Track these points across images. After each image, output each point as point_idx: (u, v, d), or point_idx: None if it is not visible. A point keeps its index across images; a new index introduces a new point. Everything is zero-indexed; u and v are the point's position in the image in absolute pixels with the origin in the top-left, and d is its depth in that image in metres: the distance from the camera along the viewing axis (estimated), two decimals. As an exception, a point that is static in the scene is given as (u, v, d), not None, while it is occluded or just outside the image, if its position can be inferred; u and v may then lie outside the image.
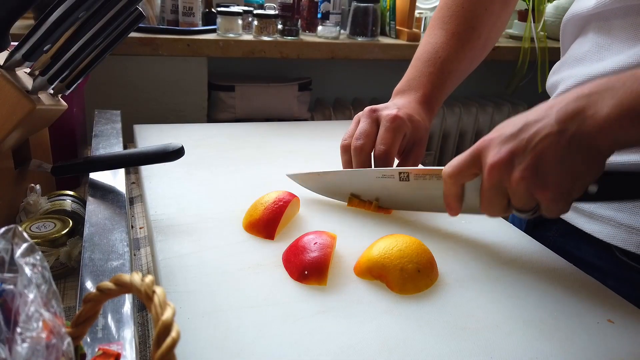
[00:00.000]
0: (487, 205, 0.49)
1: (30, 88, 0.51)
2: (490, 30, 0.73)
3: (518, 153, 0.45)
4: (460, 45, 0.70)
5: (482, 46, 0.73)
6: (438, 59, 0.69)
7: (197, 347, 0.39)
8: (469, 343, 0.42)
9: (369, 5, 1.38)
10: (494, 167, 0.46)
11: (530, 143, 0.44)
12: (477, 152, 0.49)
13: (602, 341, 0.44)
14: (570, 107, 0.44)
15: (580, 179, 0.45)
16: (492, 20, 0.72)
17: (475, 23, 0.70)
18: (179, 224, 0.57)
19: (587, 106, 0.43)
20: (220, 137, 0.85)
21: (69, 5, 0.46)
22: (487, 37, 0.73)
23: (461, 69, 0.71)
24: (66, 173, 0.60)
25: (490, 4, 0.71)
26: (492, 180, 0.47)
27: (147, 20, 1.24)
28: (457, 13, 0.70)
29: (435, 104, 0.70)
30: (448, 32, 0.70)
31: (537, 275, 0.53)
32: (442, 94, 0.70)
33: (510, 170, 0.45)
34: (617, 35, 0.56)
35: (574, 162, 0.44)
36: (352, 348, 0.40)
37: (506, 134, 0.46)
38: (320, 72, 1.58)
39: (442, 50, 0.69)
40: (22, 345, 0.22)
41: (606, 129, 0.42)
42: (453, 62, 0.69)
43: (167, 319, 0.23)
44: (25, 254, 0.25)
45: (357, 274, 0.50)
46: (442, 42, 0.70)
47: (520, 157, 0.45)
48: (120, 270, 0.43)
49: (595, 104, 0.43)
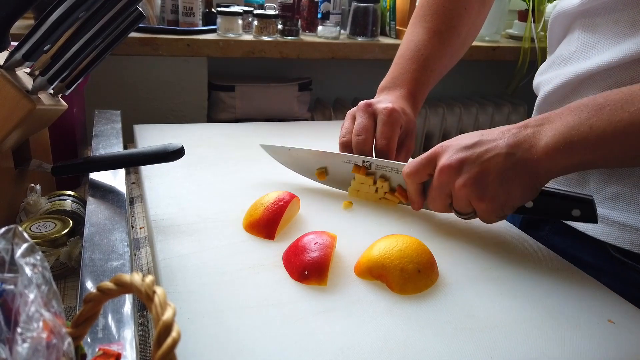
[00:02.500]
0: (431, 201, 0.57)
1: (31, 88, 0.51)
2: (470, 29, 0.76)
3: (467, 163, 0.51)
4: (442, 43, 0.72)
5: (461, 44, 0.76)
6: (421, 57, 0.71)
7: (198, 347, 0.39)
8: (469, 343, 0.42)
9: (369, 5, 1.38)
10: (443, 169, 0.53)
11: (480, 158, 0.51)
12: (433, 155, 0.55)
13: (603, 341, 0.44)
14: (520, 135, 0.50)
15: (513, 199, 0.51)
16: (472, 19, 0.75)
17: (455, 22, 0.73)
18: (179, 224, 0.57)
19: (532, 136, 0.49)
20: (220, 137, 0.85)
21: (69, 5, 0.46)
22: (466, 36, 0.76)
23: (442, 66, 0.74)
24: (66, 173, 0.60)
25: (468, 3, 0.73)
26: (439, 180, 0.53)
27: (147, 20, 1.24)
28: (438, 12, 0.73)
29: (420, 100, 0.72)
30: (429, 30, 0.72)
31: (538, 276, 0.53)
32: (425, 90, 0.73)
33: (456, 176, 0.52)
34: (602, 33, 0.58)
35: (513, 183, 0.50)
36: (352, 348, 0.40)
37: (461, 144, 0.52)
38: (320, 72, 1.58)
39: (424, 47, 0.72)
40: (22, 346, 0.22)
41: (544, 158, 0.48)
42: (435, 59, 0.72)
43: (168, 319, 0.23)
44: (26, 254, 0.25)
45: (358, 274, 0.50)
46: (423, 39, 0.72)
47: (468, 166, 0.51)
48: (120, 271, 0.43)
49: (538, 135, 0.49)
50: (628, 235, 0.55)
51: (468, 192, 0.51)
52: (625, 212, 0.56)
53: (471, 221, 0.62)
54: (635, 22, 0.54)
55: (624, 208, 0.56)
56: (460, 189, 0.52)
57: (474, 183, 0.51)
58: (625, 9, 0.55)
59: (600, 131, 0.46)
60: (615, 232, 0.57)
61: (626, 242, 0.56)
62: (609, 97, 0.47)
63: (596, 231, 0.58)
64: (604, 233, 0.58)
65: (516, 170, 0.49)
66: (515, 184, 0.50)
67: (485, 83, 1.82)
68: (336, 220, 0.61)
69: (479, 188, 0.51)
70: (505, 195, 0.51)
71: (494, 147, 0.50)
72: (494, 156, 0.50)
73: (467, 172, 0.51)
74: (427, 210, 0.61)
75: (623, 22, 0.55)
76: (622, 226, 0.56)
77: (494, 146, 0.50)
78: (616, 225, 0.56)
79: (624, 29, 0.55)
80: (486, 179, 0.50)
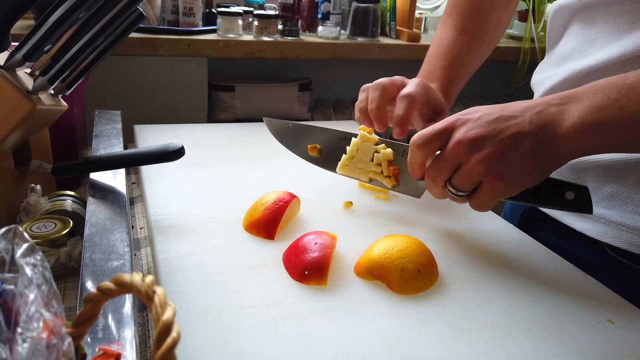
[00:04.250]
0: (435, 172, 0.52)
1: (31, 88, 0.51)
2: (496, 26, 0.77)
3: (487, 138, 0.48)
4: (470, 40, 0.73)
5: (490, 40, 0.77)
6: (450, 53, 0.72)
7: (198, 347, 0.39)
8: (469, 343, 0.42)
9: (369, 6, 1.38)
10: (460, 143, 0.49)
11: (501, 134, 0.48)
12: (449, 127, 0.51)
13: (603, 341, 0.44)
14: (544, 114, 0.47)
15: (526, 180, 0.49)
16: (498, 16, 0.75)
17: (482, 19, 0.74)
18: (179, 224, 0.57)
19: (557, 115, 0.47)
20: (220, 137, 0.85)
21: (70, 5, 0.46)
22: (494, 32, 0.77)
23: (472, 62, 0.74)
24: (66, 173, 0.60)
25: (494, 0, 0.74)
26: (452, 152, 0.50)
27: (147, 20, 1.24)
28: (464, 10, 0.74)
29: (452, 95, 0.72)
30: (457, 28, 0.74)
31: (537, 276, 0.53)
32: (457, 86, 0.73)
33: (473, 151, 0.49)
34: (601, 28, 0.58)
35: (531, 163, 0.47)
36: (353, 348, 0.40)
37: (481, 119, 0.49)
38: (320, 73, 1.57)
39: (453, 45, 0.72)
40: (22, 346, 0.22)
41: (568, 139, 0.46)
42: (464, 55, 0.72)
43: (168, 319, 0.23)
44: (26, 254, 0.25)
45: (357, 274, 0.50)
46: (452, 37, 0.73)
47: (488, 142, 0.48)
48: (120, 271, 0.43)
49: (563, 114, 0.47)
50: (624, 234, 0.56)
51: (484, 169, 0.48)
52: (621, 211, 0.56)
53: (471, 222, 0.62)
54: (634, 18, 0.54)
55: (620, 208, 0.56)
56: (475, 165, 0.48)
57: (492, 160, 0.48)
58: (624, 3, 0.55)
59: (631, 113, 0.44)
60: (612, 232, 0.57)
61: (623, 242, 0.56)
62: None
63: (593, 230, 0.59)
64: (601, 233, 0.58)
65: (536, 150, 0.47)
66: (534, 164, 0.47)
67: (485, 83, 1.82)
68: (336, 220, 0.61)
69: (497, 166, 0.48)
70: (519, 176, 0.48)
71: (516, 124, 0.47)
72: (515, 134, 0.47)
73: (486, 148, 0.48)
74: (426, 208, 0.61)
75: (623, 17, 0.55)
76: (619, 226, 0.56)
77: (516, 123, 0.48)
78: (613, 225, 0.57)
79: (623, 24, 0.55)
80: (505, 157, 0.47)
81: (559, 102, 0.48)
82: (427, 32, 1.59)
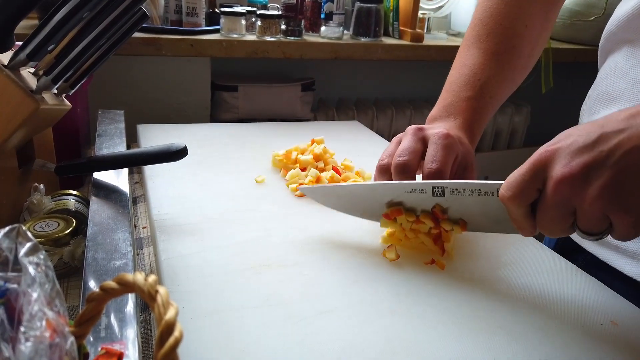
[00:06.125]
0: (549, 224, 0.43)
1: (34, 88, 0.51)
2: (533, 49, 0.66)
3: (595, 167, 0.39)
4: (501, 65, 0.62)
5: (524, 66, 0.66)
6: (477, 82, 0.62)
7: (200, 347, 0.39)
8: (473, 344, 0.42)
9: (372, 6, 1.38)
10: (563, 181, 0.40)
11: (610, 157, 0.38)
12: (540, 165, 0.42)
13: (606, 343, 0.43)
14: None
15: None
16: (534, 37, 0.65)
17: (516, 42, 0.63)
18: (182, 223, 0.57)
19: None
20: (223, 137, 0.85)
21: (73, 5, 0.46)
22: (528, 56, 0.65)
23: (502, 92, 0.64)
24: (70, 173, 0.60)
25: (529, 20, 0.64)
26: (559, 196, 0.40)
27: (150, 20, 1.24)
28: (495, 31, 0.63)
29: (478, 131, 0.62)
30: (487, 52, 0.63)
31: (541, 277, 0.52)
32: (483, 120, 0.62)
33: (583, 187, 0.39)
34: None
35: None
36: (355, 348, 0.40)
37: (577, 144, 0.40)
38: (323, 73, 1.58)
39: (480, 72, 0.62)
40: (25, 344, 0.22)
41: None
42: (494, 84, 0.62)
43: (170, 319, 0.23)
44: (29, 253, 0.25)
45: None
46: (480, 62, 0.63)
47: (597, 171, 0.39)
48: (123, 270, 0.43)
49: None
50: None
51: (605, 205, 0.39)
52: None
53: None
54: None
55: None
56: (592, 203, 0.39)
57: (611, 192, 0.38)
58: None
59: None
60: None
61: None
62: None
63: (632, 271, 0.52)
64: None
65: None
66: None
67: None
68: (340, 217, 0.60)
69: (619, 196, 0.38)
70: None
71: (627, 140, 0.38)
72: (629, 150, 0.38)
73: (597, 179, 0.38)
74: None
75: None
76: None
77: (626, 138, 0.38)
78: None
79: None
80: (627, 183, 0.38)
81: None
82: (430, 32, 1.58)
